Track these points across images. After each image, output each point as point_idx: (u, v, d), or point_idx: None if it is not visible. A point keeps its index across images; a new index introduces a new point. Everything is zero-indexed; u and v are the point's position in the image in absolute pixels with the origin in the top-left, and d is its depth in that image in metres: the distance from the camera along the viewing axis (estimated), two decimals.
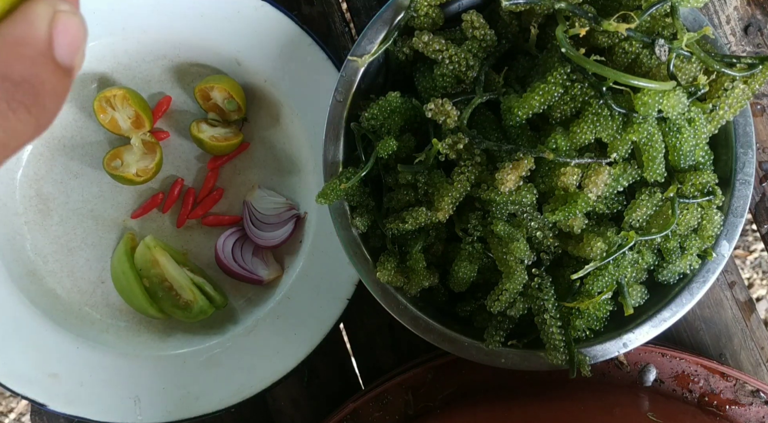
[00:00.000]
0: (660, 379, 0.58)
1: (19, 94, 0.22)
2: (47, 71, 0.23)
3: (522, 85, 0.50)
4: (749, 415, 0.57)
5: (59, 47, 0.23)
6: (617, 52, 0.47)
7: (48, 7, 0.23)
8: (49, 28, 0.23)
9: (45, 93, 0.23)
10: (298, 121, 0.62)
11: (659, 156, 0.46)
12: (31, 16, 0.22)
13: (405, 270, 0.50)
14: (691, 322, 0.63)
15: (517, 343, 0.50)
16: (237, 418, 0.65)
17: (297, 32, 0.60)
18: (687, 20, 0.49)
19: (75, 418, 0.61)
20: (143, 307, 0.61)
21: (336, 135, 0.51)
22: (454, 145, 0.47)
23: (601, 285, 0.47)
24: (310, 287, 0.62)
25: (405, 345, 0.65)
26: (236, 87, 0.62)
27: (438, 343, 0.50)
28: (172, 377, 0.62)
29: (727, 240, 0.49)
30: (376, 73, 0.52)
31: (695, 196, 0.47)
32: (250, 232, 0.63)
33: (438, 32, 0.51)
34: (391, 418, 0.58)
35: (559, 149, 0.46)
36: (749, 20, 0.63)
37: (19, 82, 0.22)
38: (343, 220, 0.51)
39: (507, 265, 0.47)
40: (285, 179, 0.64)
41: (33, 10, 0.22)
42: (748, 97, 0.46)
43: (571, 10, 0.46)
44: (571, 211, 0.46)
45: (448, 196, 0.47)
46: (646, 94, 0.44)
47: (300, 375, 0.65)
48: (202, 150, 0.63)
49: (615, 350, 0.49)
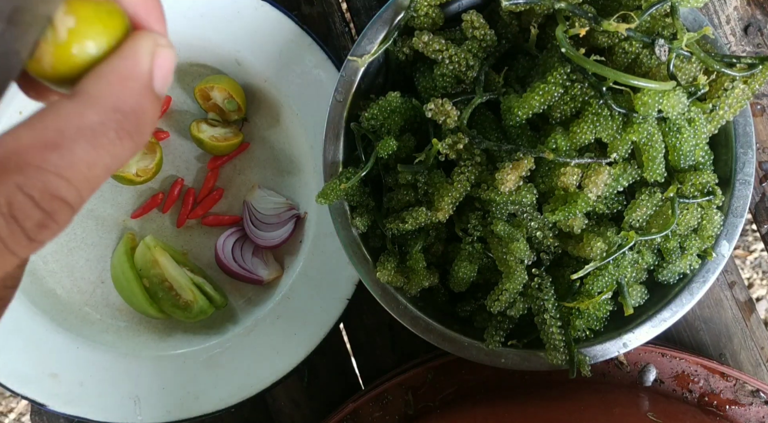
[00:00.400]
0: (660, 379, 0.58)
1: (127, 124, 0.24)
2: (149, 102, 0.25)
3: (522, 85, 0.50)
4: (749, 415, 0.57)
5: (156, 80, 0.25)
6: (617, 52, 0.47)
7: (151, 42, 0.25)
8: (151, 62, 0.25)
9: (146, 121, 0.25)
10: (298, 121, 0.62)
11: (659, 156, 0.46)
12: (138, 51, 0.25)
13: (405, 270, 0.50)
14: (691, 322, 0.63)
15: (517, 343, 0.50)
16: (237, 418, 0.65)
17: (297, 32, 0.60)
18: (687, 20, 0.49)
19: (75, 418, 0.61)
20: (143, 307, 0.61)
21: (336, 135, 0.51)
22: (454, 145, 0.47)
23: (601, 285, 0.47)
24: (310, 287, 0.62)
25: (405, 345, 0.65)
26: (236, 87, 0.62)
27: (438, 343, 0.50)
28: (172, 377, 0.62)
29: (727, 240, 0.49)
30: (376, 73, 0.52)
31: (695, 196, 0.47)
32: (250, 232, 0.63)
33: (438, 32, 0.51)
34: (391, 418, 0.58)
35: (559, 149, 0.46)
36: (749, 20, 0.63)
37: (128, 112, 0.24)
38: (343, 220, 0.51)
39: (507, 265, 0.47)
40: (285, 179, 0.64)
41: (139, 46, 0.25)
42: (748, 97, 0.46)
43: (571, 10, 0.46)
44: (571, 211, 0.46)
45: (448, 196, 0.47)
46: (646, 94, 0.44)
47: (300, 375, 0.65)
48: (202, 150, 0.63)
49: (615, 350, 0.49)
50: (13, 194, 0.22)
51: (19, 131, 0.23)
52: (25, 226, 0.23)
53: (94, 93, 0.24)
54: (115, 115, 0.24)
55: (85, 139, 0.23)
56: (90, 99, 0.24)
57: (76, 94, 0.24)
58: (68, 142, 0.23)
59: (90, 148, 0.23)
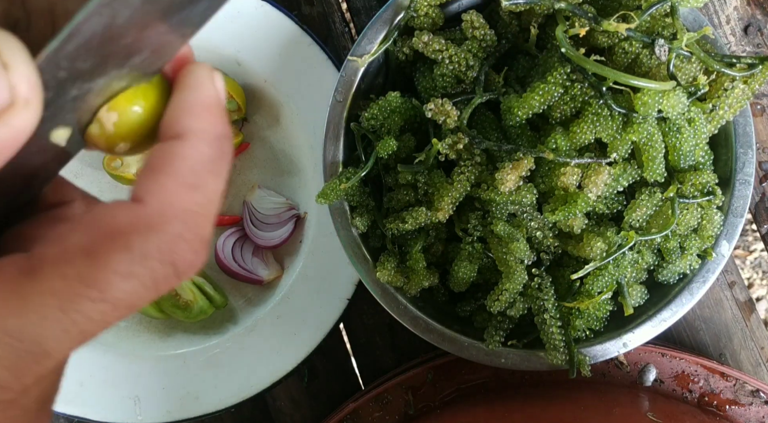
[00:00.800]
0: (660, 379, 0.58)
1: (226, 147, 0.25)
2: (228, 122, 0.26)
3: (522, 85, 0.50)
4: (749, 415, 0.57)
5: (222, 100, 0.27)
6: (617, 52, 0.47)
7: (207, 70, 0.26)
8: (215, 87, 0.26)
9: (232, 139, 0.27)
10: (298, 121, 0.62)
11: (659, 156, 0.46)
12: (204, 82, 0.26)
13: (405, 270, 0.50)
14: (691, 322, 0.63)
15: (517, 343, 0.50)
16: (237, 418, 0.65)
17: (297, 32, 0.60)
18: (687, 20, 0.49)
19: (75, 418, 0.61)
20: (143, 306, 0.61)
21: (336, 135, 0.51)
22: (454, 145, 0.47)
23: (601, 285, 0.47)
24: (310, 287, 0.61)
25: (405, 345, 0.65)
26: (236, 87, 0.62)
27: (438, 343, 0.50)
28: (172, 377, 0.62)
29: (727, 240, 0.49)
30: (376, 73, 0.52)
31: (695, 196, 0.47)
32: (250, 232, 0.63)
33: (438, 32, 0.51)
34: (391, 418, 0.58)
35: (559, 149, 0.46)
36: (749, 20, 0.63)
37: (223, 137, 0.25)
38: (343, 220, 0.51)
39: (507, 265, 0.47)
40: (285, 179, 0.64)
41: (201, 76, 0.26)
42: (748, 97, 0.46)
43: (571, 10, 0.46)
44: (571, 211, 0.46)
45: (448, 196, 0.47)
46: (646, 94, 0.44)
47: (300, 375, 0.65)
48: None
49: (615, 350, 0.49)
50: (174, 243, 0.23)
51: (162, 179, 0.24)
52: (179, 269, 0.23)
53: (197, 129, 0.25)
54: (218, 142, 0.25)
55: (209, 172, 0.24)
56: (198, 135, 0.24)
57: (184, 134, 0.24)
58: (202, 180, 0.24)
59: (214, 180, 0.25)
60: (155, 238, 0.23)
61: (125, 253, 0.22)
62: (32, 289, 0.21)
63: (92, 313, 0.22)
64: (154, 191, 0.23)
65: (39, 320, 0.21)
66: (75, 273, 0.22)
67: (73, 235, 0.22)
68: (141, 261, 0.22)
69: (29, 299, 0.21)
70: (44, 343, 0.22)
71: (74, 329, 0.22)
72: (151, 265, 0.23)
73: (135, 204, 0.23)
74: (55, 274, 0.22)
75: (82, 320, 0.22)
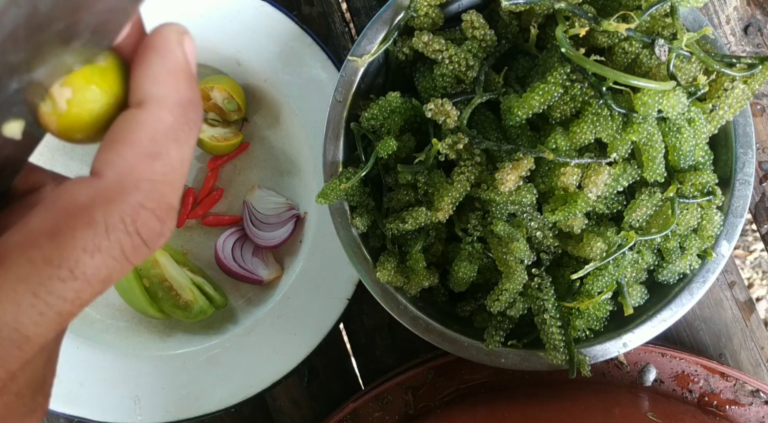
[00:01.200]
0: (660, 379, 0.58)
1: (191, 113, 0.25)
2: (196, 86, 0.26)
3: (522, 85, 0.50)
4: (749, 415, 0.57)
5: (191, 64, 0.26)
6: (617, 52, 0.47)
7: (176, 33, 0.25)
8: (184, 51, 0.25)
9: (200, 105, 0.26)
10: (298, 121, 0.62)
11: (659, 156, 0.46)
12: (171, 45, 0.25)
13: (405, 270, 0.50)
14: (691, 322, 0.63)
15: (517, 343, 0.50)
16: (237, 418, 0.65)
17: (297, 32, 0.60)
18: (687, 20, 0.49)
19: (75, 418, 0.61)
20: (143, 307, 0.61)
21: (336, 135, 0.51)
22: (454, 145, 0.47)
23: (601, 285, 0.47)
24: (310, 287, 0.62)
25: (405, 345, 0.65)
26: (236, 87, 0.62)
27: (438, 343, 0.50)
28: (172, 377, 0.62)
29: (726, 240, 0.49)
30: (376, 73, 0.52)
31: (695, 196, 0.47)
32: (250, 232, 0.63)
33: (438, 32, 0.51)
34: (391, 418, 0.58)
35: (559, 149, 0.46)
36: (749, 20, 0.63)
37: (188, 103, 0.25)
38: (343, 220, 0.51)
39: (507, 265, 0.47)
40: (285, 179, 0.64)
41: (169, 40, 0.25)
42: (748, 97, 0.46)
43: (571, 10, 0.46)
44: (571, 211, 0.46)
45: (448, 196, 0.47)
46: (646, 94, 0.44)
47: (300, 375, 0.65)
48: (202, 150, 0.63)
49: (615, 350, 0.49)
50: (136, 212, 0.23)
51: (120, 149, 0.23)
52: (146, 239, 0.23)
53: (158, 95, 0.24)
54: (181, 108, 0.24)
55: (172, 140, 0.24)
56: (159, 101, 0.24)
57: (144, 101, 0.24)
58: (163, 148, 0.24)
59: (178, 148, 0.24)
60: (116, 209, 0.22)
61: (89, 228, 0.22)
62: (1, 279, 0.21)
63: (66, 293, 0.22)
64: (112, 162, 0.23)
65: (13, 307, 0.21)
66: (41, 255, 0.22)
67: (35, 218, 0.22)
68: (106, 234, 0.22)
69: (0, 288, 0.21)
70: (22, 329, 0.22)
71: (50, 311, 0.22)
72: (117, 237, 0.22)
73: (94, 178, 0.23)
74: (21, 259, 0.22)
75: (57, 302, 0.22)
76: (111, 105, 0.25)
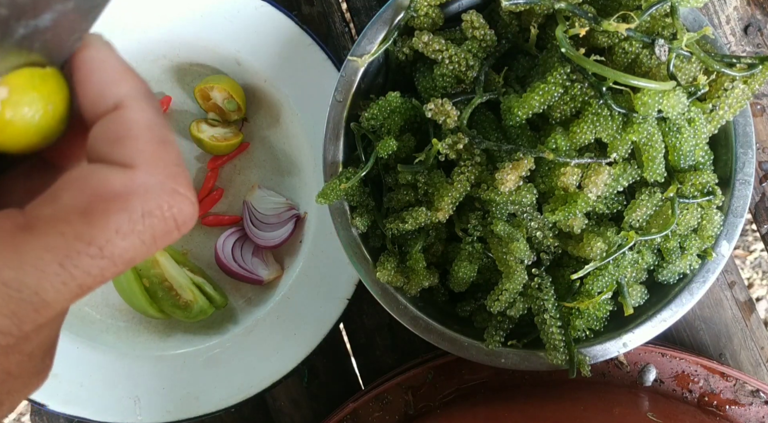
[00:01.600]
0: (660, 379, 0.58)
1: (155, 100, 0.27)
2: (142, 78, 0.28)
3: (522, 85, 0.50)
4: (749, 415, 0.57)
5: None
6: (617, 52, 0.47)
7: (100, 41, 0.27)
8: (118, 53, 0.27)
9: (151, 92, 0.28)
10: (298, 121, 0.62)
11: (659, 156, 0.46)
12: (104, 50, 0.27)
13: (405, 270, 0.50)
14: (691, 322, 0.63)
15: (517, 343, 0.50)
16: (237, 418, 0.65)
17: (297, 32, 0.60)
18: (687, 20, 0.49)
19: (75, 418, 0.61)
20: (143, 307, 0.61)
21: (336, 135, 0.51)
22: (454, 145, 0.47)
23: (601, 285, 0.47)
24: (310, 287, 0.62)
25: (405, 345, 0.65)
26: (236, 87, 0.62)
27: (438, 343, 0.50)
28: (172, 377, 0.62)
29: (726, 240, 0.49)
30: (376, 73, 0.52)
31: (695, 196, 0.47)
32: (250, 232, 0.63)
33: (438, 32, 0.51)
34: (391, 418, 0.58)
35: (559, 149, 0.46)
36: (749, 20, 0.63)
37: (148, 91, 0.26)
38: (343, 220, 0.51)
39: (507, 265, 0.47)
40: (285, 179, 0.64)
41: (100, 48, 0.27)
42: (748, 97, 0.46)
43: (571, 10, 0.46)
44: (571, 211, 0.46)
45: (448, 196, 0.47)
46: (646, 94, 0.44)
47: (300, 375, 0.65)
48: (202, 150, 0.63)
49: (615, 350, 0.49)
50: (172, 198, 0.25)
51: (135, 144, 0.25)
52: (180, 223, 0.25)
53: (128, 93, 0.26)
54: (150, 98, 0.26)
55: (162, 126, 0.26)
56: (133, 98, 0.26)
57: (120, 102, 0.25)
58: (163, 134, 0.25)
59: (168, 131, 0.26)
60: (153, 196, 0.24)
61: (124, 213, 0.24)
62: (29, 245, 0.23)
63: (91, 269, 0.24)
64: (136, 155, 0.25)
65: (36, 273, 0.23)
66: (72, 231, 0.23)
67: (66, 195, 0.24)
68: (142, 219, 0.24)
69: (26, 253, 0.23)
70: (43, 294, 0.23)
71: (73, 283, 0.23)
72: (152, 223, 0.24)
73: (126, 169, 0.24)
74: (52, 231, 0.23)
75: (81, 275, 0.23)
76: (47, 112, 0.24)
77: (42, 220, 0.23)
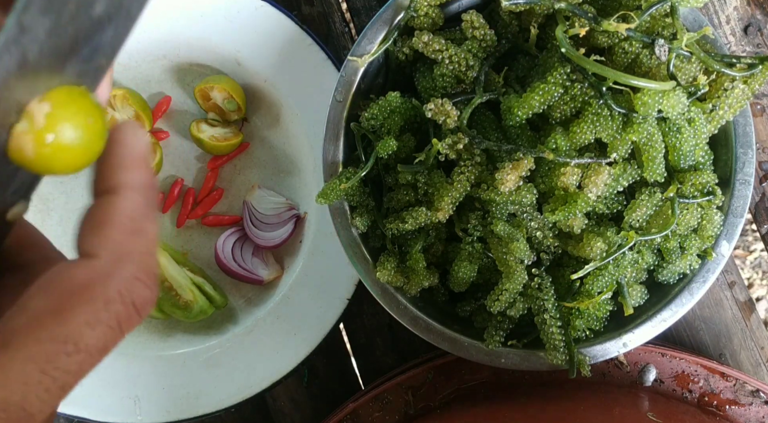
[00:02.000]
0: (660, 379, 0.58)
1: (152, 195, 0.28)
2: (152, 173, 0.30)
3: (522, 85, 0.50)
4: (749, 415, 0.57)
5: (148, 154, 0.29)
6: (617, 52, 0.47)
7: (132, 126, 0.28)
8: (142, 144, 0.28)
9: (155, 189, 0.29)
10: (298, 121, 0.62)
11: (659, 156, 0.46)
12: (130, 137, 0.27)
13: (405, 270, 0.50)
14: (691, 322, 0.63)
15: (517, 343, 0.50)
16: (237, 418, 0.65)
17: (297, 32, 0.60)
18: (687, 20, 0.49)
19: (75, 418, 0.61)
20: None
21: (336, 135, 0.51)
22: (454, 145, 0.47)
23: (601, 285, 0.47)
24: (310, 287, 0.62)
25: (405, 345, 0.65)
26: (236, 87, 0.62)
27: (438, 343, 0.50)
28: (172, 377, 0.62)
29: (726, 240, 0.49)
30: (376, 73, 0.52)
31: (695, 196, 0.47)
32: (250, 232, 0.63)
33: (438, 32, 0.51)
34: (391, 418, 0.58)
35: (559, 149, 0.46)
36: (749, 20, 0.63)
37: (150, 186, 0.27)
38: (343, 220, 0.51)
39: (507, 265, 0.47)
40: (285, 179, 0.64)
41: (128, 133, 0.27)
42: (748, 97, 0.46)
43: (571, 10, 0.46)
44: (571, 211, 0.46)
45: (448, 196, 0.47)
46: (646, 94, 0.44)
47: (300, 375, 0.65)
48: (202, 150, 0.63)
49: (615, 350, 0.49)
50: (130, 284, 0.25)
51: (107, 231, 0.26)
52: (139, 306, 0.26)
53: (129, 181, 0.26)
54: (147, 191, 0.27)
55: (146, 218, 0.27)
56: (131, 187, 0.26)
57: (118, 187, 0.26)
58: (142, 226, 0.26)
59: (151, 224, 0.27)
60: (114, 283, 0.25)
61: (90, 304, 0.24)
62: (10, 360, 0.23)
63: (70, 366, 0.24)
64: (102, 244, 0.25)
65: (22, 388, 0.23)
66: (47, 334, 0.23)
67: (36, 300, 0.24)
68: (105, 306, 0.25)
69: (9, 370, 0.23)
70: (28, 408, 0.23)
71: (55, 386, 0.24)
72: (114, 308, 0.25)
73: (88, 259, 0.25)
74: (29, 340, 0.23)
75: (62, 375, 0.24)
76: (87, 126, 0.25)
77: (17, 331, 0.23)
